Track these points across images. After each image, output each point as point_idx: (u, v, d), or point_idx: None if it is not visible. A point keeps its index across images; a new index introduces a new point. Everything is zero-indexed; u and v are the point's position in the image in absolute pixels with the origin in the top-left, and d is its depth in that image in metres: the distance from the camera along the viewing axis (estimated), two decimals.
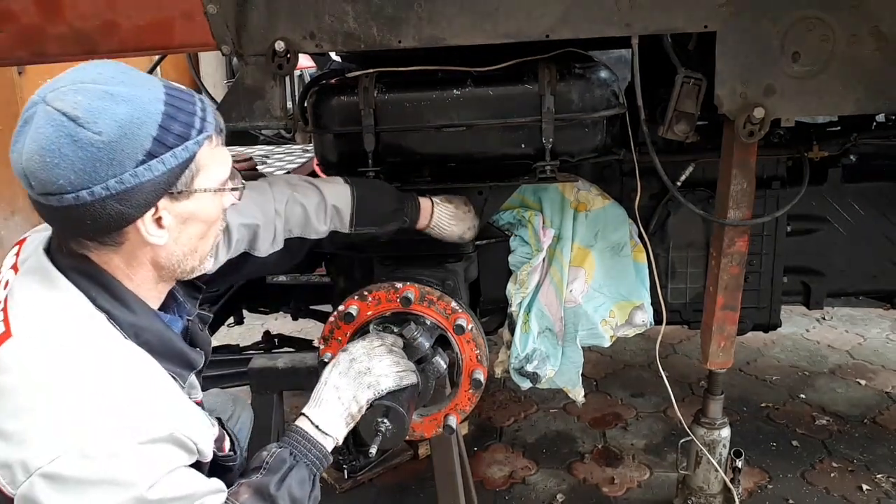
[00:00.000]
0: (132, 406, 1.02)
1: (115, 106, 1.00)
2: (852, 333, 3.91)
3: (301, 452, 1.29)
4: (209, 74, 5.48)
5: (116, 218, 1.03)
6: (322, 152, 1.96)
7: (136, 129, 1.01)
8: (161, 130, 1.03)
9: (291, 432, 1.33)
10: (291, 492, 1.22)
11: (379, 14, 1.56)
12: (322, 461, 1.31)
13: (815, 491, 2.59)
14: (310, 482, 1.27)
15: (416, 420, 1.72)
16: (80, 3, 1.58)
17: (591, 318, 2.07)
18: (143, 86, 1.05)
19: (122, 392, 1.02)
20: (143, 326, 1.12)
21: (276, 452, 1.27)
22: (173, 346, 1.17)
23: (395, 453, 2.84)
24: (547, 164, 1.79)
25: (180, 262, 1.16)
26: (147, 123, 1.02)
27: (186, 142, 1.06)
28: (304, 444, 1.31)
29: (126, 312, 1.10)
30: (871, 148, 2.19)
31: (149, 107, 1.03)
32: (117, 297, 1.10)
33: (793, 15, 1.50)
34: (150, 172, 1.02)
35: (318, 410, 1.38)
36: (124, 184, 1.00)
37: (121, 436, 0.99)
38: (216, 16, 1.57)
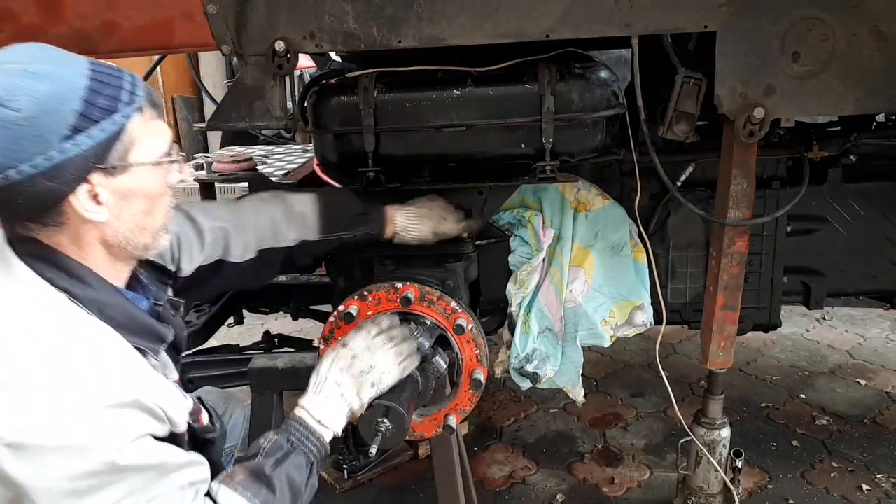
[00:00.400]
0: (95, 373, 1.03)
1: (35, 83, 0.99)
2: (852, 333, 3.92)
3: (298, 440, 1.29)
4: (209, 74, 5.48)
5: (48, 195, 1.03)
6: (322, 152, 1.96)
7: (57, 105, 1.00)
8: (85, 105, 1.02)
9: (290, 420, 1.33)
10: (288, 474, 1.23)
11: (379, 14, 1.56)
12: (320, 450, 1.32)
13: (815, 491, 2.59)
14: (307, 469, 1.27)
15: (416, 420, 1.72)
16: (80, 3, 1.59)
17: (591, 318, 2.07)
18: (66, 63, 1.05)
19: (84, 361, 1.03)
20: (105, 301, 1.11)
21: (273, 439, 1.27)
22: (138, 319, 1.17)
23: (395, 453, 2.84)
24: (547, 164, 1.79)
25: (129, 240, 1.14)
26: (70, 98, 1.01)
27: (113, 115, 1.06)
28: (302, 432, 1.31)
29: (85, 288, 1.09)
30: (871, 148, 2.19)
31: (71, 82, 1.02)
32: (74, 275, 1.09)
33: (793, 15, 1.50)
34: (77, 147, 1.02)
35: (318, 404, 1.37)
36: (51, 160, 1.00)
37: (84, 401, 0.99)
38: (216, 16, 1.57)
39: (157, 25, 1.60)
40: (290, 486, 1.22)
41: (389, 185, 1.86)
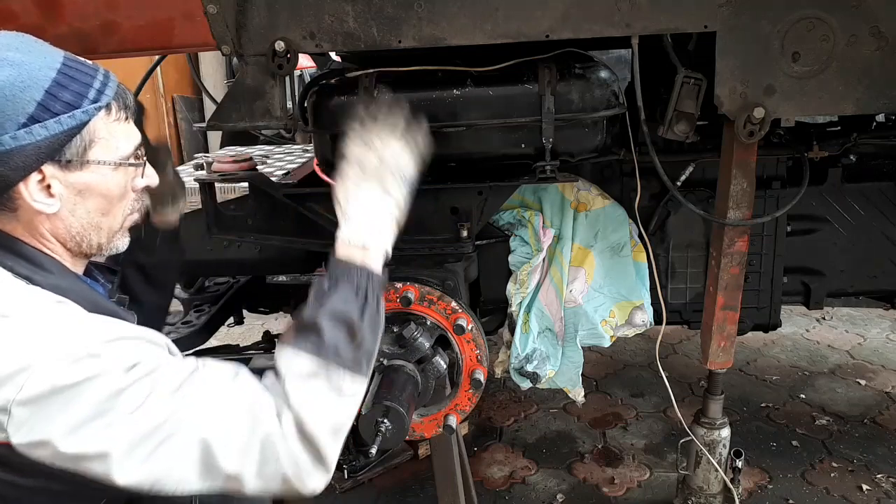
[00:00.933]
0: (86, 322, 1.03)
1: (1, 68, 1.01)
2: (852, 333, 3.92)
3: (339, 274, 1.21)
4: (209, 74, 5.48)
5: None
6: (322, 152, 1.96)
7: (18, 93, 1.01)
8: (47, 96, 1.03)
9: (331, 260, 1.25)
10: (333, 309, 1.15)
11: (379, 14, 1.56)
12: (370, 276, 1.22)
13: (815, 491, 2.59)
14: (358, 299, 1.18)
15: (416, 420, 1.73)
16: (80, 3, 1.58)
17: (591, 318, 2.07)
18: (38, 53, 1.06)
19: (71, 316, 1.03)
20: (66, 287, 1.10)
21: (316, 284, 1.21)
22: (102, 304, 1.15)
23: (395, 453, 2.84)
24: (547, 164, 1.79)
25: (81, 237, 1.15)
26: (31, 88, 1.02)
27: (74, 110, 1.06)
28: (342, 267, 1.22)
29: (46, 275, 1.09)
30: (871, 148, 2.19)
31: (37, 73, 1.04)
32: (33, 261, 1.09)
33: (793, 15, 1.50)
34: (31, 136, 1.03)
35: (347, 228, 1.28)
36: (3, 145, 1.01)
37: (86, 341, 0.99)
38: (216, 16, 1.57)
39: (157, 25, 1.60)
40: (341, 321, 1.15)
41: None
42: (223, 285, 2.78)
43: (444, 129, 1.81)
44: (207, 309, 2.62)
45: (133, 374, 1.00)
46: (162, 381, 1.02)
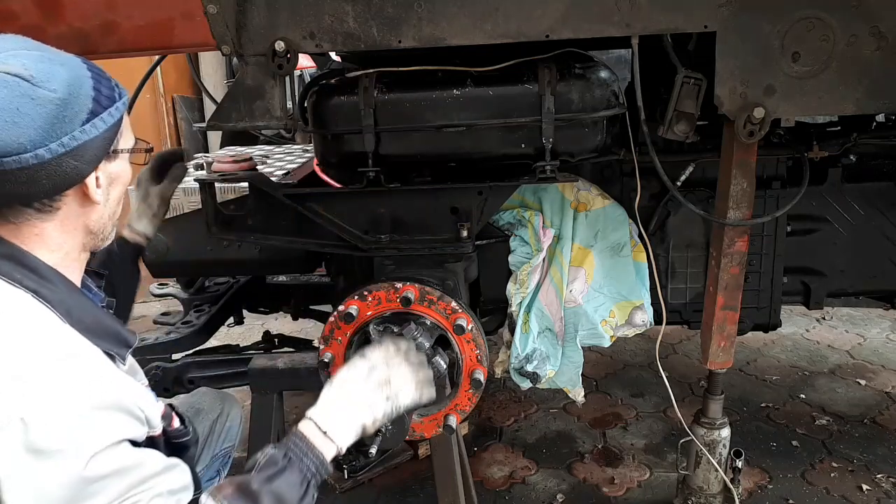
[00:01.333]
0: (74, 376, 1.01)
1: (58, 67, 1.06)
2: (852, 333, 3.92)
3: (297, 456, 1.22)
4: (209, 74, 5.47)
5: (72, 174, 1.08)
6: (322, 152, 1.96)
7: (79, 89, 1.07)
8: (96, 91, 1.10)
9: (292, 435, 1.28)
10: (278, 491, 1.16)
11: (379, 14, 1.56)
12: (319, 468, 1.24)
13: (815, 491, 2.59)
14: (301, 488, 1.20)
15: (416, 420, 1.73)
16: (80, 3, 1.58)
17: (591, 318, 2.07)
18: (64, 53, 1.11)
19: (61, 364, 1.01)
20: (72, 304, 1.11)
21: (270, 453, 1.22)
22: (105, 323, 1.17)
23: (395, 453, 2.84)
24: (547, 164, 1.79)
25: (105, 226, 1.20)
26: (85, 84, 1.08)
27: (116, 102, 1.13)
28: (302, 448, 1.24)
29: (53, 289, 1.10)
30: (872, 148, 2.19)
31: (80, 70, 1.10)
32: (42, 276, 1.10)
33: (793, 15, 1.50)
34: (96, 129, 1.09)
35: (326, 415, 1.31)
36: (77, 140, 1.06)
37: (65, 405, 0.97)
38: (216, 16, 1.57)
39: (157, 25, 1.60)
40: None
41: (389, 185, 1.86)
42: (223, 285, 2.78)
43: (445, 129, 1.81)
44: (207, 309, 2.62)
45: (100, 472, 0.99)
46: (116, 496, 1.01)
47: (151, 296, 2.83)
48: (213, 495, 1.13)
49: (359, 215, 1.92)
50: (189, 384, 2.24)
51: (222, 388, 2.10)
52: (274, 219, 2.01)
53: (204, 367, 2.28)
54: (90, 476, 0.97)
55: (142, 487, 1.03)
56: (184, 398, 1.95)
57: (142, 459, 1.06)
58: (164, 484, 1.07)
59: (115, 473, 1.00)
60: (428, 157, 1.90)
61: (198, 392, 1.98)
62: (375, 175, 1.84)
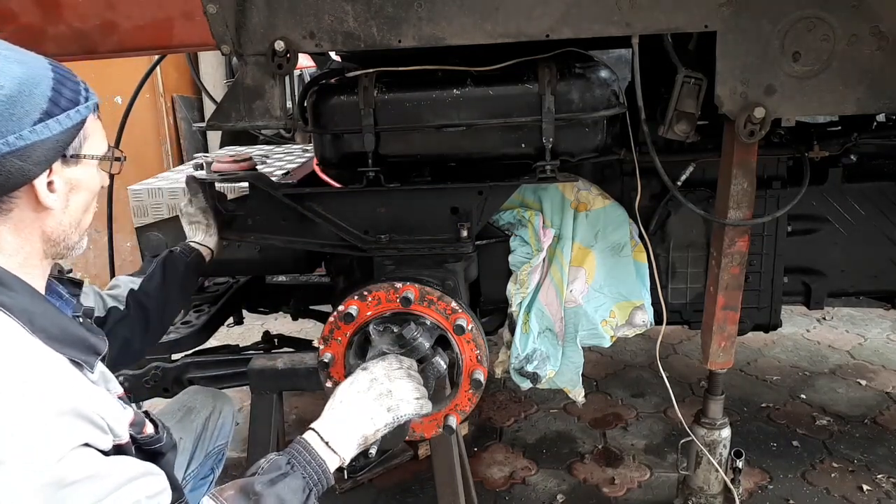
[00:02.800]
0: (28, 382, 0.96)
1: (11, 65, 1.04)
2: (853, 334, 3.91)
3: (299, 463, 1.25)
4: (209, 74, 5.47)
5: (16, 175, 1.04)
6: (322, 152, 1.96)
7: (32, 88, 1.04)
8: (54, 92, 1.07)
9: (296, 443, 1.30)
10: (280, 495, 1.17)
11: (379, 14, 1.56)
12: (321, 478, 1.26)
13: (815, 491, 2.59)
14: (303, 494, 1.21)
15: (416, 420, 1.72)
16: (79, 3, 1.58)
17: (591, 319, 2.07)
18: (30, 53, 1.10)
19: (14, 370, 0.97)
20: (35, 311, 1.06)
21: (273, 459, 1.24)
22: (70, 330, 1.11)
23: (395, 453, 2.84)
24: (547, 163, 1.79)
25: (66, 235, 1.15)
26: (42, 84, 1.06)
27: (77, 106, 1.10)
28: (304, 456, 1.26)
29: (14, 296, 1.05)
30: (872, 148, 2.19)
31: (41, 70, 1.08)
32: (2, 282, 1.06)
33: (793, 15, 1.50)
34: (48, 130, 1.06)
35: (331, 426, 1.33)
36: (24, 140, 1.03)
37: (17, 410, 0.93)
38: (216, 15, 1.57)
39: (157, 25, 1.60)
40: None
41: (389, 185, 1.86)
42: (223, 285, 2.78)
43: (445, 128, 1.81)
44: (207, 309, 2.62)
45: None
46: None
47: None
48: (215, 497, 1.13)
49: (359, 215, 1.92)
50: (189, 384, 2.24)
51: (222, 388, 2.10)
52: (274, 219, 2.01)
53: (203, 367, 2.27)
54: (59, 480, 0.94)
55: (117, 494, 1.00)
56: (176, 397, 1.96)
57: (113, 465, 1.03)
58: (140, 490, 1.05)
59: (87, 479, 0.97)
60: (428, 157, 1.90)
61: (189, 390, 1.98)
62: (375, 175, 1.84)
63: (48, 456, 0.93)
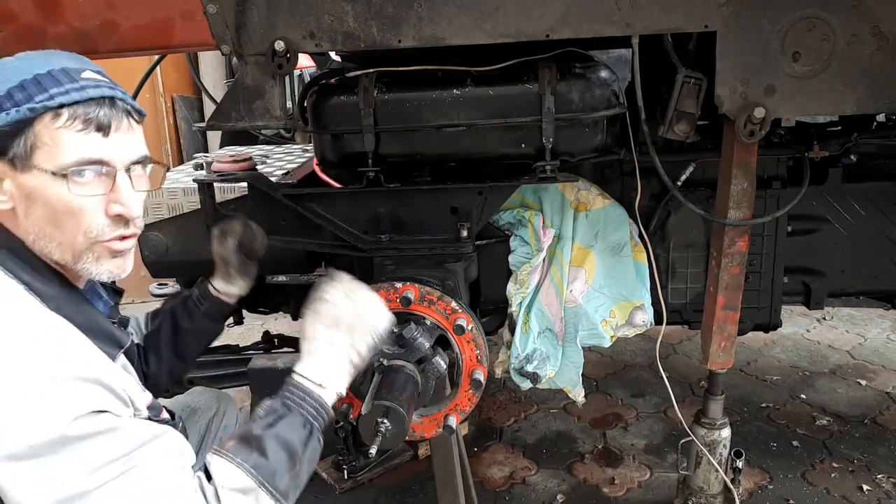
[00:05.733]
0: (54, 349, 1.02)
1: None
2: (853, 333, 3.91)
3: (294, 402, 1.24)
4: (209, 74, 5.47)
5: None
6: (322, 152, 1.96)
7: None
8: (18, 88, 1.07)
9: (287, 385, 1.29)
10: (281, 434, 1.18)
11: (379, 14, 1.56)
12: (320, 411, 1.26)
13: (815, 491, 2.59)
14: (304, 429, 1.22)
15: (416, 420, 1.72)
16: (79, 3, 1.58)
17: (591, 319, 2.07)
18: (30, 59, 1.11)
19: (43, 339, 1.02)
20: (63, 298, 1.11)
21: (267, 405, 1.24)
22: (96, 321, 1.16)
23: (395, 453, 2.84)
24: (547, 163, 1.79)
25: (42, 246, 1.12)
26: (11, 79, 1.07)
27: (20, 106, 1.06)
28: (298, 395, 1.26)
29: (46, 283, 1.10)
30: (872, 148, 2.19)
31: (10, 74, 1.08)
32: (34, 268, 1.11)
33: (793, 14, 1.50)
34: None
35: (314, 367, 1.32)
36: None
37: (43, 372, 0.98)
38: (216, 15, 1.57)
39: (157, 25, 1.60)
40: (285, 447, 1.17)
41: (389, 185, 1.86)
42: None
43: (444, 128, 1.81)
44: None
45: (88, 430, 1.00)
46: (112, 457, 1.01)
47: (151, 296, 2.83)
48: (217, 452, 1.14)
49: (359, 215, 1.92)
50: (189, 384, 2.24)
51: (222, 388, 2.09)
52: (273, 219, 2.01)
53: (203, 367, 2.28)
54: (80, 432, 0.97)
55: (140, 452, 1.03)
56: (179, 397, 1.95)
57: (134, 424, 1.06)
58: (162, 447, 1.07)
59: (106, 432, 1.00)
60: (428, 157, 1.90)
61: (193, 391, 1.98)
62: (375, 175, 1.84)
63: (67, 412, 0.97)
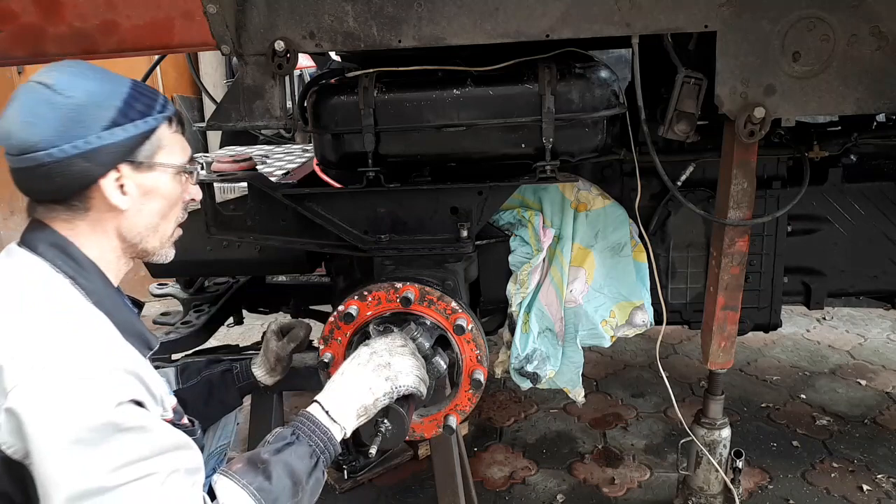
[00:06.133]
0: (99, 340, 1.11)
1: (87, 80, 1.18)
2: (853, 333, 3.91)
3: (304, 433, 1.30)
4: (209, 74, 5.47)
5: (82, 175, 1.16)
6: (322, 152, 1.96)
7: (103, 100, 1.18)
8: (125, 104, 1.20)
9: (299, 415, 1.35)
10: (288, 462, 1.23)
11: (379, 14, 1.56)
12: (327, 445, 1.31)
13: (815, 491, 2.59)
14: (310, 460, 1.27)
15: (416, 420, 1.72)
16: (79, 3, 1.58)
17: (591, 319, 2.07)
18: (114, 75, 1.24)
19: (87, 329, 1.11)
20: (105, 295, 1.21)
21: (278, 432, 1.30)
22: (132, 320, 1.25)
23: (395, 453, 2.84)
24: (547, 163, 1.79)
25: (142, 238, 1.27)
26: (113, 96, 1.19)
27: (146, 117, 1.22)
28: (308, 426, 1.32)
29: (90, 280, 1.19)
30: (872, 148, 2.19)
31: (116, 86, 1.21)
32: (82, 265, 1.20)
33: (793, 14, 1.50)
34: (114, 136, 1.18)
35: (330, 397, 1.39)
36: (90, 144, 1.15)
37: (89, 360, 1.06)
38: (216, 15, 1.56)
39: (157, 25, 1.60)
40: (290, 475, 1.22)
41: (389, 185, 1.86)
42: (223, 285, 2.78)
43: (445, 128, 1.81)
44: (207, 309, 2.62)
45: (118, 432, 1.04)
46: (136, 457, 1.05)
47: (151, 296, 2.83)
48: (224, 472, 1.19)
49: (359, 215, 1.92)
50: None
51: None
52: (274, 219, 2.01)
53: None
54: (117, 422, 1.03)
55: (162, 458, 1.07)
56: None
57: (163, 427, 1.12)
58: (181, 461, 1.11)
59: (140, 429, 1.06)
60: (428, 156, 1.90)
61: None
62: (375, 175, 1.84)
63: (111, 399, 1.04)
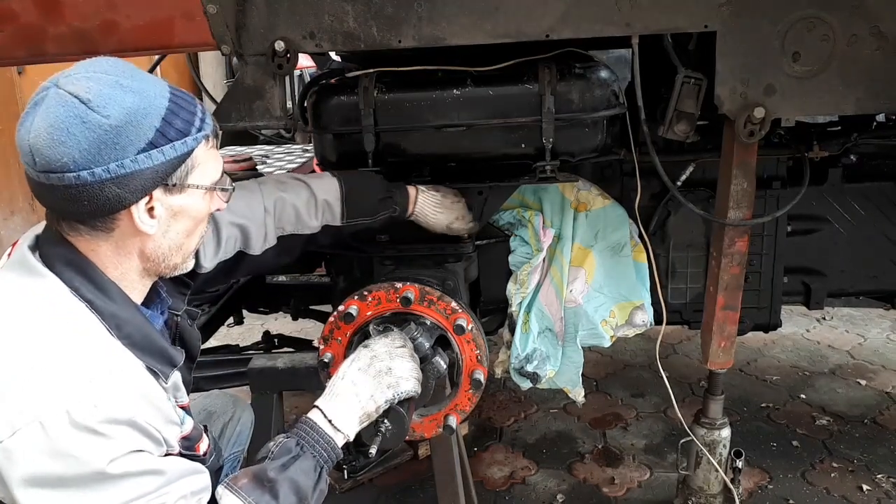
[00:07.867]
0: (93, 386, 1.02)
1: (124, 95, 1.04)
2: (853, 333, 3.91)
3: (308, 443, 1.28)
4: (209, 74, 5.48)
5: (113, 201, 1.06)
6: (322, 152, 1.96)
7: (141, 119, 1.05)
8: (164, 123, 1.08)
9: (301, 423, 1.32)
10: (294, 479, 1.21)
11: (379, 14, 1.56)
12: (330, 455, 1.30)
13: (815, 491, 2.59)
14: (315, 473, 1.25)
15: (416, 420, 1.72)
16: (80, 3, 1.58)
17: (591, 319, 2.07)
18: (151, 82, 1.11)
19: (85, 374, 1.02)
20: (125, 318, 1.13)
21: (282, 442, 1.27)
22: (153, 341, 1.18)
23: (395, 453, 2.84)
24: (547, 163, 1.79)
25: (166, 257, 1.18)
26: (152, 115, 1.06)
27: (186, 137, 1.11)
28: (312, 436, 1.30)
29: (108, 303, 1.11)
30: (872, 148, 2.19)
31: (155, 101, 1.08)
32: (100, 287, 1.11)
33: (793, 15, 1.50)
34: (150, 160, 1.07)
35: (333, 404, 1.36)
36: (125, 168, 1.04)
37: (78, 413, 0.98)
38: (216, 15, 1.57)
39: (157, 25, 1.60)
40: (296, 492, 1.20)
41: None
42: (223, 285, 2.77)
43: (445, 128, 1.81)
44: (207, 309, 2.62)
45: None
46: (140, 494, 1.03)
47: None
48: (229, 487, 1.17)
49: None
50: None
51: (222, 388, 2.09)
52: None
53: (204, 367, 2.28)
54: (113, 474, 0.99)
55: (167, 489, 1.06)
56: (197, 400, 1.95)
57: (165, 463, 1.09)
58: (187, 485, 1.10)
59: (140, 474, 1.03)
60: (428, 156, 1.90)
61: (210, 394, 1.98)
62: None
63: (99, 455, 0.98)
